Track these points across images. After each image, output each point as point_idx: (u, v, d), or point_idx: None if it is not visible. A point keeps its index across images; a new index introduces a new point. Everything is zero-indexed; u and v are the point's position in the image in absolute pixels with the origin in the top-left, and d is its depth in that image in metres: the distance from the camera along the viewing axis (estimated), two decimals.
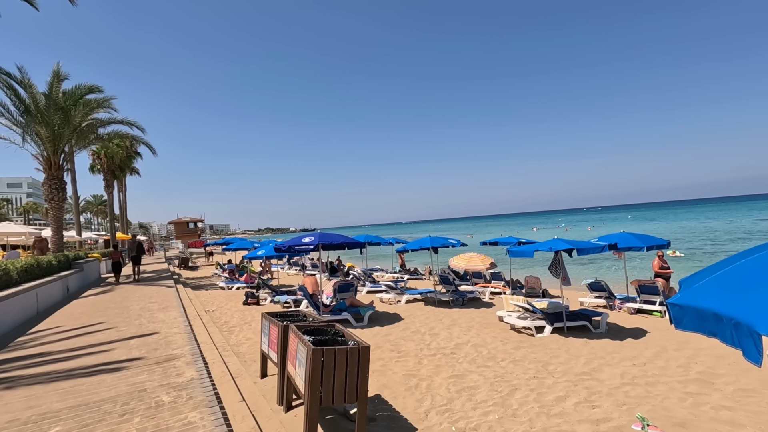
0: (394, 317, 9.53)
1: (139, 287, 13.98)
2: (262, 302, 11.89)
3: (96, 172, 34.42)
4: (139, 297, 11.43)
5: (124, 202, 42.90)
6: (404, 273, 19.41)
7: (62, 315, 9.19)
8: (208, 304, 12.20)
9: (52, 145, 17.27)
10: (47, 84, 16.82)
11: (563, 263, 7.55)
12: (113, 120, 18.81)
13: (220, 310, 11.01)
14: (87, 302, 11.04)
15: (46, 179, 17.52)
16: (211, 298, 13.25)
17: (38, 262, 11.20)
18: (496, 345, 6.88)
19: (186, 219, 61.44)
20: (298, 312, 5.72)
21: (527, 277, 13.41)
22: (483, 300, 12.06)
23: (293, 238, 8.62)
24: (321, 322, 4.81)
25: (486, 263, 13.97)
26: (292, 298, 10.90)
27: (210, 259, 33.66)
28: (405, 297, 11.47)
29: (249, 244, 16.82)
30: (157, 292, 12.28)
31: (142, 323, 7.72)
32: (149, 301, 10.61)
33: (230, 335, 8.08)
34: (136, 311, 9.11)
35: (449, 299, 11.18)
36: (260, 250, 11.89)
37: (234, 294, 14.16)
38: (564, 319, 7.53)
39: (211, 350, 5.99)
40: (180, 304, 9.97)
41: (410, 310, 10.37)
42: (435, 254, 11.61)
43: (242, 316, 10.04)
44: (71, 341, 6.57)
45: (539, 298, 12.78)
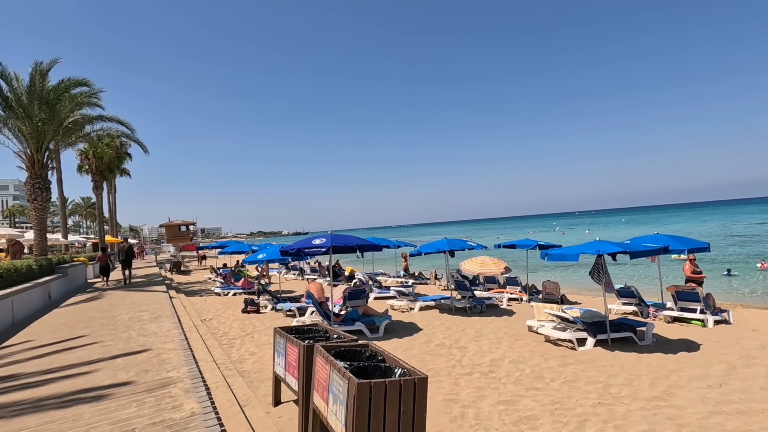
0: (410, 327, 8.67)
1: (128, 293, 12.95)
2: (262, 310, 10.97)
3: (84, 172, 33.12)
4: (129, 304, 10.44)
5: (113, 204, 41.54)
6: (408, 277, 18.55)
7: (40, 326, 8.19)
8: (204, 311, 11.24)
9: (36, 141, 16.20)
10: (29, 75, 15.76)
11: (606, 268, 6.78)
12: (102, 117, 17.81)
13: (217, 319, 10.07)
14: (70, 311, 10.03)
15: (29, 178, 16.43)
16: (206, 305, 12.28)
17: (16, 268, 10.17)
18: (537, 361, 6.06)
19: (178, 222, 60.11)
20: (315, 326, 4.85)
21: (545, 282, 12.65)
22: (501, 307, 11.26)
23: (302, 239, 7.74)
24: (351, 341, 3.95)
25: (500, 267, 13.18)
26: (296, 306, 9.99)
27: (203, 263, 32.49)
28: (418, 304, 10.62)
29: (246, 248, 15.86)
30: (148, 299, 11.29)
31: (131, 336, 6.77)
32: (139, 309, 9.63)
33: (231, 349, 7.16)
34: (124, 322, 8.14)
35: (466, 306, 10.36)
36: (260, 253, 10.96)
37: (231, 300, 13.19)
38: (608, 330, 6.74)
39: (212, 370, 5.09)
40: (173, 312, 9.01)
41: (426, 319, 9.53)
42: (451, 258, 10.79)
43: (242, 326, 9.12)
44: (46, 360, 5.62)
45: (557, 304, 12.03)
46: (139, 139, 18.78)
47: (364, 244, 7.45)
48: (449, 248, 9.50)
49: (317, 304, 8.12)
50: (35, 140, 16.16)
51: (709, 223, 59.74)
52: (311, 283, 10.82)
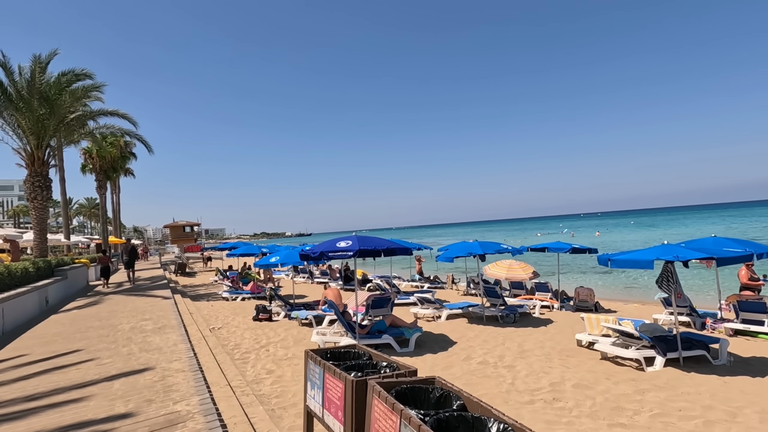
0: (442, 340, 7.80)
1: (130, 298, 12.16)
2: (275, 317, 10.13)
3: (88, 172, 32.50)
4: (131, 311, 9.63)
5: (117, 204, 40.93)
6: (424, 281, 17.68)
7: (32, 337, 7.38)
8: (212, 318, 10.41)
9: (36, 137, 15.48)
10: (29, 69, 15.04)
11: (677, 275, 5.89)
12: (104, 111, 17.07)
13: (227, 328, 9.24)
14: (67, 318, 9.23)
15: (29, 176, 15.71)
16: (214, 312, 11.45)
17: (9, 270, 9.40)
18: (605, 385, 5.17)
19: (182, 222, 59.46)
20: (353, 348, 4.00)
21: (577, 288, 11.74)
22: (533, 315, 10.37)
23: (325, 242, 6.90)
24: (409, 373, 3.08)
25: (528, 272, 12.27)
26: (312, 314, 9.14)
27: (208, 264, 31.73)
28: (445, 312, 9.74)
29: (256, 250, 15.00)
30: (151, 305, 10.48)
31: (132, 352, 5.94)
32: (142, 317, 8.82)
33: (245, 365, 6.32)
34: (125, 332, 7.32)
35: (498, 315, 9.47)
36: (273, 256, 10.12)
37: (239, 306, 12.36)
38: (679, 348, 5.85)
39: (227, 398, 4.25)
40: (179, 321, 8.19)
41: (457, 330, 8.65)
42: (482, 262, 9.91)
43: (255, 337, 8.28)
44: (32, 382, 4.79)
45: (591, 312, 11.12)
46: (143, 137, 18.03)
47: (395, 246, 6.60)
48: (482, 251, 8.63)
49: (340, 314, 7.26)
50: (35, 136, 15.44)
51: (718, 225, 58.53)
52: (328, 289, 9.99)
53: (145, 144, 18.27)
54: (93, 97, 16.04)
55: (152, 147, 20.30)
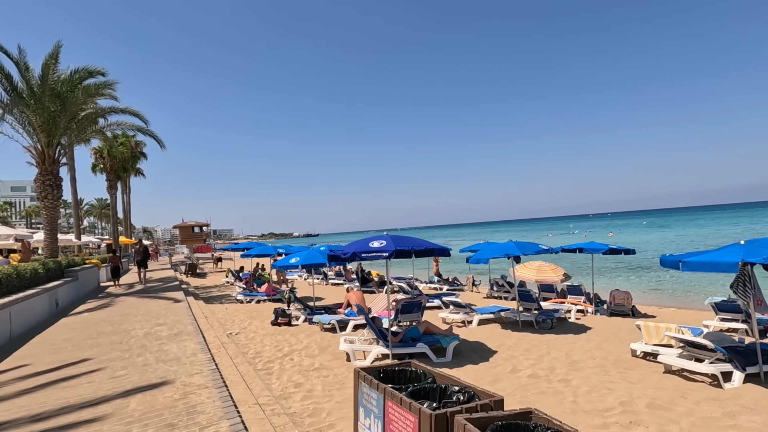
0: (480, 348, 7.18)
1: (143, 300, 11.70)
2: (294, 322, 9.58)
3: (98, 172, 32.33)
4: (144, 315, 9.14)
5: (128, 204, 40.84)
6: (443, 283, 17.06)
7: (41, 343, 6.90)
8: (228, 323, 9.90)
9: (46, 135, 15.14)
10: (41, 65, 14.70)
11: (756, 280, 5.22)
12: (115, 109, 16.70)
13: (245, 333, 8.71)
14: (78, 322, 8.77)
15: (39, 175, 15.38)
16: (229, 315, 10.94)
17: (18, 272, 8.97)
18: (685, 405, 4.52)
19: (191, 223, 59.38)
20: (408, 365, 3.43)
21: (613, 291, 11.04)
22: (569, 321, 9.70)
23: (356, 241, 6.32)
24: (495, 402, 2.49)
25: (559, 274, 11.60)
26: (335, 319, 8.57)
27: (218, 265, 31.38)
28: (476, 317, 9.11)
29: (272, 250, 14.44)
30: (165, 308, 9.99)
31: (148, 362, 5.41)
32: (156, 321, 8.31)
33: (270, 377, 5.76)
34: (139, 339, 6.81)
35: (533, 320, 8.83)
36: (293, 257, 9.56)
37: (255, 309, 11.84)
38: (760, 361, 5.17)
39: (258, 421, 3.69)
40: (196, 327, 7.66)
41: (493, 336, 8.02)
42: (516, 263, 9.28)
43: (275, 343, 7.73)
44: (39, 398, 4.28)
45: (628, 317, 10.42)
46: (154, 132, 17.67)
47: (433, 247, 6.00)
48: (520, 252, 7.99)
49: (370, 320, 6.67)
50: (46, 133, 15.11)
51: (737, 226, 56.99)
52: (351, 292, 9.43)
53: (157, 140, 17.91)
54: (106, 95, 15.66)
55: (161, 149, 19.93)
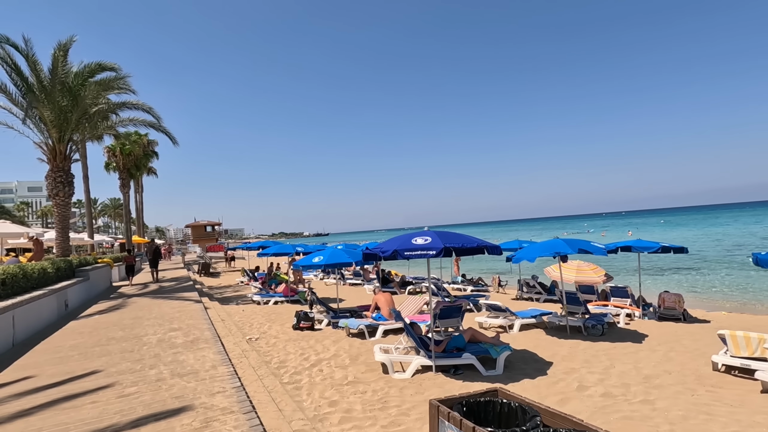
0: (531, 358, 6.36)
1: (156, 302, 11.10)
2: (317, 326, 8.86)
3: (111, 170, 32.15)
4: (157, 318, 8.50)
5: (140, 203, 40.74)
6: (467, 284, 16.20)
7: (45, 350, 6.27)
8: (246, 326, 9.22)
9: (58, 131, 14.69)
10: (51, 57, 14.22)
11: None
12: (127, 104, 16.16)
13: (265, 338, 8.01)
14: (87, 326, 8.15)
15: (50, 171, 14.94)
16: (246, 317, 10.28)
17: (25, 272, 8.39)
18: None
19: (203, 222, 59.42)
20: (494, 393, 2.66)
21: (662, 293, 10.09)
22: (618, 326, 8.81)
23: (395, 238, 5.55)
24: None
25: (600, 274, 10.71)
26: (364, 324, 7.81)
27: (231, 264, 30.94)
28: (518, 322, 8.27)
29: (290, 249, 13.72)
30: (179, 311, 9.35)
31: (162, 376, 4.72)
32: (170, 326, 7.65)
33: (299, 393, 5.03)
34: (151, 347, 6.13)
35: (582, 326, 7.96)
36: (316, 256, 8.83)
37: (273, 311, 11.16)
38: None
39: None
40: (214, 333, 6.97)
41: (541, 344, 7.18)
42: (563, 262, 8.42)
43: (300, 350, 7.01)
44: (35, 422, 3.59)
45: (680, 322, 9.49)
46: (167, 129, 17.14)
47: (485, 245, 5.21)
48: (572, 251, 7.12)
49: (409, 327, 5.89)
50: (57, 129, 14.65)
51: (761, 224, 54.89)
52: (379, 294, 8.67)
53: (170, 136, 17.38)
54: (120, 88, 15.13)
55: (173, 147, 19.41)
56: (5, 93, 13.95)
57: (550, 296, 13.12)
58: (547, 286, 13.55)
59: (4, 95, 14.02)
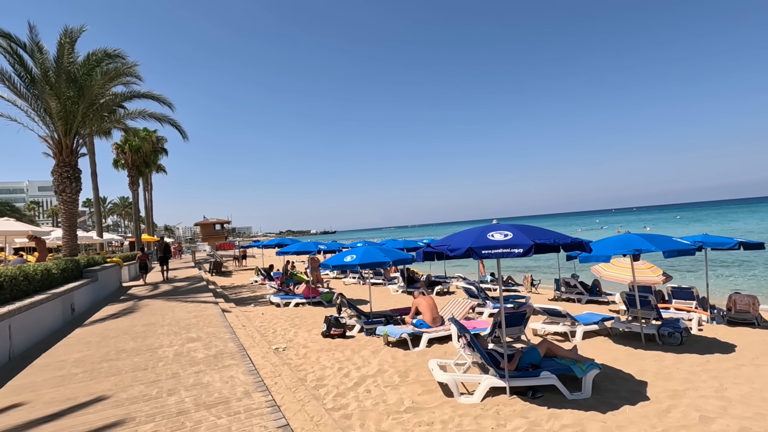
0: (618, 376, 5.32)
1: (169, 304, 10.24)
2: (348, 332, 7.91)
3: (120, 167, 31.55)
4: (172, 325, 7.61)
5: (149, 201, 40.15)
6: (495, 283, 15.15)
7: (45, 366, 5.39)
8: (270, 332, 8.31)
9: (64, 123, 13.89)
10: (56, 46, 13.40)
11: None
12: (136, 93, 15.32)
13: (293, 348, 7.08)
14: (95, 333, 7.29)
15: (56, 166, 14.16)
16: (268, 322, 9.36)
17: (26, 274, 7.54)
18: None
19: (213, 220, 58.86)
20: None
21: (733, 295, 8.99)
22: (692, 332, 7.74)
23: (465, 231, 4.56)
24: None
25: (657, 273, 9.63)
26: (407, 332, 6.83)
27: (242, 262, 30.18)
28: (580, 329, 7.24)
29: (312, 247, 12.70)
30: (195, 316, 8.46)
31: (184, 407, 3.79)
32: (188, 335, 6.75)
33: (351, 425, 4.07)
34: (168, 363, 5.22)
35: (657, 334, 6.92)
36: (348, 255, 7.85)
37: (295, 314, 10.24)
38: None
39: None
40: (238, 343, 6.04)
41: (616, 356, 6.15)
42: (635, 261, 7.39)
43: (336, 363, 6.06)
44: None
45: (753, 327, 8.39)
46: (178, 122, 16.29)
47: (579, 241, 4.20)
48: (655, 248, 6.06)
49: (475, 340, 4.89)
50: (63, 121, 13.86)
51: None
52: (419, 297, 7.69)
53: (180, 130, 16.52)
54: (128, 75, 14.29)
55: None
56: (8, 82, 13.17)
57: (593, 297, 12.07)
58: (588, 285, 12.48)
59: (6, 85, 13.25)
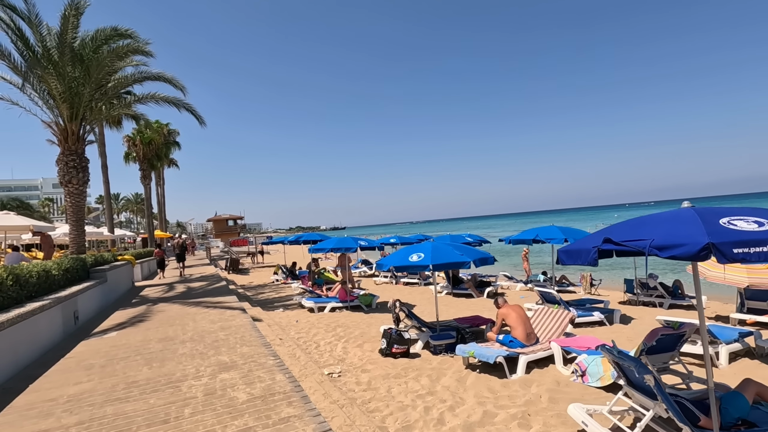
0: None
1: (189, 310, 8.76)
2: (412, 349, 6.33)
3: (131, 160, 30.36)
4: (195, 341, 6.10)
5: (162, 197, 39.07)
6: (549, 284, 13.44)
7: (26, 410, 3.88)
8: (311, 346, 6.76)
9: (69, 107, 12.51)
10: (60, 20, 11.99)
11: None
12: (147, 75, 13.88)
13: (351, 372, 5.51)
14: (100, 352, 5.81)
15: (61, 155, 12.82)
16: (306, 333, 7.81)
17: (16, 276, 6.09)
18: None
19: (225, 216, 57.80)
20: None
21: None
22: None
23: (634, 220, 2.94)
24: None
25: None
26: (502, 355, 5.22)
27: (258, 259, 28.84)
28: (724, 349, 5.54)
29: (352, 243, 10.83)
30: (222, 327, 6.94)
31: None
32: (217, 357, 5.23)
33: None
34: (198, 409, 3.68)
35: None
36: (414, 253, 6.20)
37: (333, 321, 8.68)
38: None
39: None
40: (287, 373, 4.50)
41: None
42: None
43: (419, 398, 4.48)
44: None
45: None
46: (192, 105, 14.80)
47: None
48: None
49: (659, 383, 3.26)
50: (68, 105, 12.47)
51: None
52: (506, 306, 6.06)
53: (196, 115, 15.07)
54: (138, 54, 12.88)
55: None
56: (7, 60, 11.78)
57: (675, 300, 10.33)
58: (669, 286, 10.72)
59: (6, 64, 11.87)
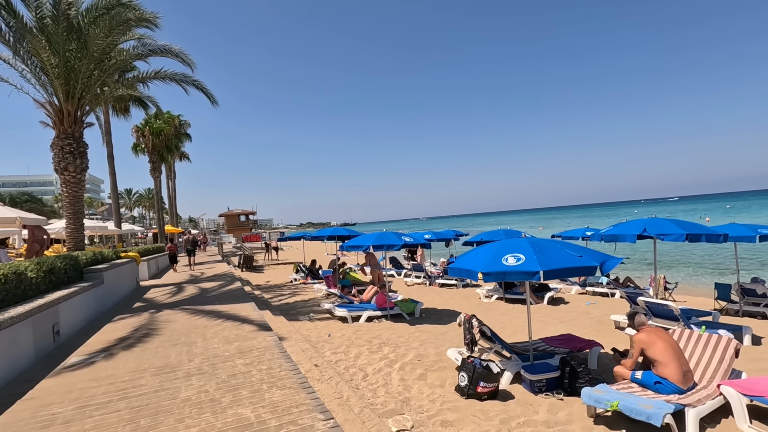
0: None
1: (199, 321, 7.15)
2: None
3: (140, 152, 29.04)
4: (203, 373, 4.46)
5: (173, 190, 37.83)
6: (613, 285, 11.59)
7: None
8: (357, 376, 5.07)
9: (64, 84, 11.02)
10: None
11: None
12: (153, 49, 12.32)
13: (423, 422, 3.83)
14: (69, 396, 4.20)
15: (56, 138, 11.38)
16: (343, 353, 6.13)
17: None
18: None
19: (237, 211, 56.68)
20: None
21: None
22: None
23: None
24: None
25: None
26: (667, 410, 3.47)
27: (272, 255, 27.35)
28: None
29: (396, 240, 8.56)
30: (240, 350, 5.30)
31: None
32: (234, 405, 3.57)
33: None
34: None
35: None
36: (510, 253, 4.45)
37: (373, 334, 6.99)
38: None
39: None
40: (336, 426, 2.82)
41: None
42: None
43: None
44: None
45: None
46: (203, 83, 13.20)
47: None
48: None
49: None
50: (64, 81, 10.98)
51: None
52: (649, 332, 4.28)
53: (207, 94, 13.48)
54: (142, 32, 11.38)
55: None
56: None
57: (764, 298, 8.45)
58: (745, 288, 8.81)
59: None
